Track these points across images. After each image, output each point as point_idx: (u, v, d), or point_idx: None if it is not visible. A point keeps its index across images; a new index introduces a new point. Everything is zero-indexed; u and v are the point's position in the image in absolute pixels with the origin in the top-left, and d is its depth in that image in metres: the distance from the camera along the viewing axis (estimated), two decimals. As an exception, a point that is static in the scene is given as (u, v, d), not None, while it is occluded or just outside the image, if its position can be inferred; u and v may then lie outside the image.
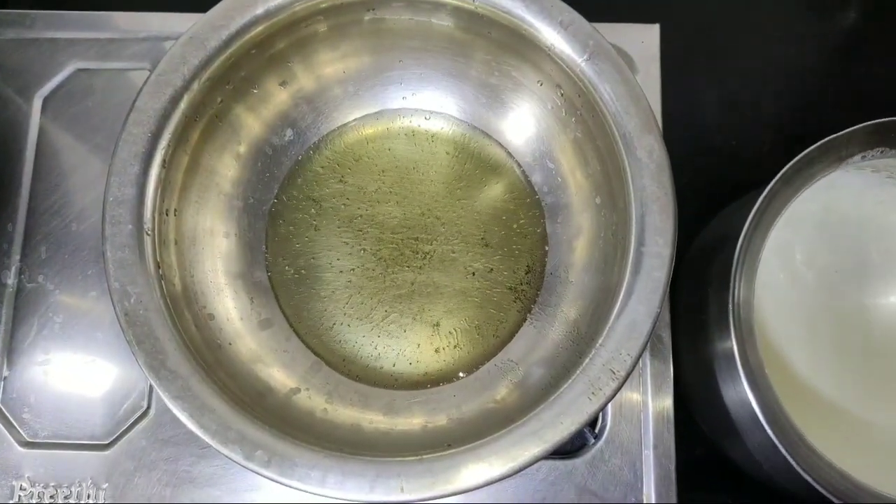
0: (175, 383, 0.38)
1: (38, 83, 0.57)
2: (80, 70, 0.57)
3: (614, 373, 0.38)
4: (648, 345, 0.50)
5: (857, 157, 0.47)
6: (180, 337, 0.40)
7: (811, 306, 0.51)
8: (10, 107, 0.56)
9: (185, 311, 0.43)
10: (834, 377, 0.50)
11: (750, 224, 0.45)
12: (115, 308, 0.39)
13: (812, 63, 0.63)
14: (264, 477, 0.37)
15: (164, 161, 0.42)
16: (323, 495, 0.37)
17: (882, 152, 0.47)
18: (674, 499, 0.49)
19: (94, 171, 0.55)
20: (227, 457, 0.37)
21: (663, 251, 0.40)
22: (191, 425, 0.37)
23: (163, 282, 0.41)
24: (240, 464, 0.37)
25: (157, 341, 0.39)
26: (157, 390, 0.38)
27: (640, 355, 0.39)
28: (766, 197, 0.45)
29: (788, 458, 0.41)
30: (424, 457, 0.38)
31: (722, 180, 0.61)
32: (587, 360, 0.39)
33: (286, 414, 0.43)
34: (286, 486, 0.37)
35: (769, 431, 0.42)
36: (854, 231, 0.52)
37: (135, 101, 0.42)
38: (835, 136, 0.46)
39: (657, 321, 0.39)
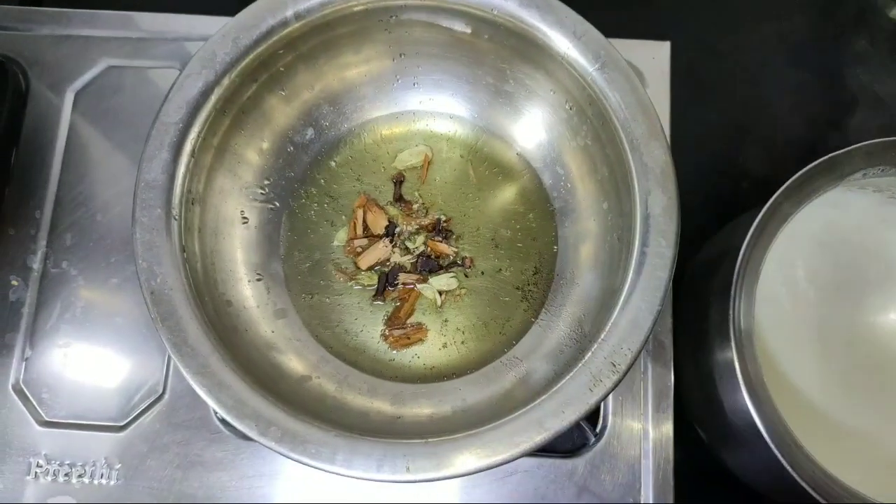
0: (195, 360, 0.40)
1: (70, 78, 0.59)
2: (111, 67, 0.59)
3: (615, 366, 0.40)
4: (651, 350, 0.52)
5: (859, 175, 0.48)
6: (202, 318, 0.41)
7: (811, 320, 0.52)
8: (43, 100, 0.58)
9: (205, 296, 0.44)
10: (832, 389, 0.50)
11: (751, 237, 0.46)
12: (141, 286, 0.41)
13: (820, 83, 0.64)
14: (276, 452, 0.38)
15: (193, 150, 0.44)
16: (332, 472, 0.38)
17: (882, 170, 0.48)
18: (671, 501, 0.50)
19: (120, 165, 0.57)
20: (242, 431, 0.38)
21: (666, 252, 0.41)
22: (209, 400, 0.39)
23: (187, 266, 0.43)
24: (254, 438, 0.38)
25: (181, 319, 0.40)
26: (178, 365, 0.40)
27: (640, 350, 0.40)
28: (767, 211, 0.46)
29: (786, 465, 0.42)
30: (430, 440, 0.39)
31: (727, 195, 0.62)
32: (589, 354, 0.40)
33: (298, 398, 0.44)
34: (297, 461, 0.38)
35: (767, 439, 0.42)
36: (855, 249, 0.53)
37: (168, 92, 0.44)
38: (836, 153, 0.47)
39: (658, 318, 0.41)
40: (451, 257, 0.52)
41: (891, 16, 0.66)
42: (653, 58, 0.58)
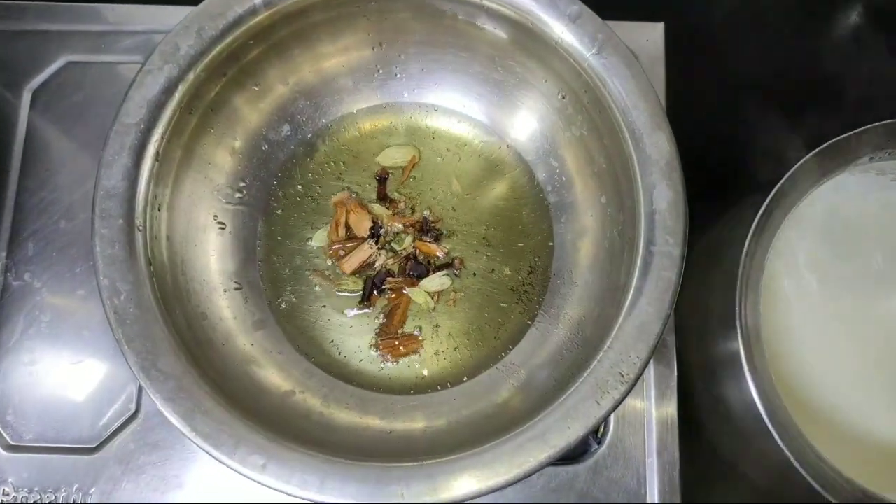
0: (166, 384, 0.37)
1: (27, 76, 0.56)
2: (71, 63, 0.56)
3: (623, 376, 0.37)
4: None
5: (865, 159, 0.46)
6: (173, 336, 0.38)
7: (814, 310, 0.50)
8: (-2, 100, 0.55)
9: (176, 310, 0.41)
10: (839, 381, 0.49)
11: (756, 225, 0.44)
12: (104, 305, 0.38)
13: (817, 64, 0.62)
14: (261, 484, 0.35)
15: (156, 153, 0.41)
16: (322, 501, 0.35)
17: (890, 154, 0.47)
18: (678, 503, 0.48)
19: (84, 167, 0.54)
20: (221, 462, 0.36)
21: (674, 251, 0.39)
22: (183, 429, 0.36)
23: (154, 279, 0.40)
24: (235, 469, 0.35)
25: (148, 340, 0.37)
26: (148, 392, 0.37)
27: (649, 358, 0.38)
28: (773, 198, 0.45)
29: (794, 461, 0.41)
30: (425, 462, 0.36)
31: (725, 182, 0.60)
32: (594, 363, 0.38)
33: (281, 417, 0.42)
34: (282, 492, 0.35)
35: (775, 435, 0.41)
36: (858, 235, 0.52)
37: (128, 90, 0.41)
38: (845, 135, 0.45)
39: (667, 323, 0.38)
40: (441, 258, 0.50)
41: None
42: (646, 40, 0.56)
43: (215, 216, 0.47)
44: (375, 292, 0.49)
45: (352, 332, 0.49)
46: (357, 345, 0.49)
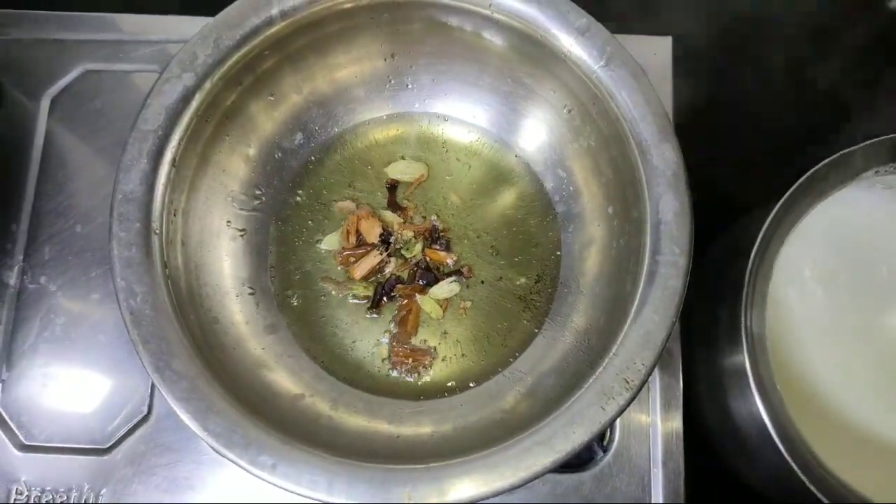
0: (180, 385, 0.37)
1: (46, 84, 0.56)
2: (88, 71, 0.57)
3: (628, 382, 0.37)
4: (657, 358, 0.50)
5: (871, 173, 0.47)
6: (186, 339, 0.39)
7: (820, 322, 0.50)
8: (17, 107, 0.56)
9: (190, 315, 0.42)
10: (845, 393, 0.49)
11: (763, 237, 0.44)
12: (120, 307, 0.39)
13: (824, 78, 0.62)
14: (269, 483, 0.36)
15: (173, 159, 0.42)
16: (330, 502, 0.36)
17: (895, 168, 0.47)
18: (683, 514, 0.48)
19: (100, 173, 0.55)
20: (232, 461, 0.36)
21: (679, 260, 0.39)
22: (196, 428, 0.36)
23: (169, 282, 0.40)
24: (245, 469, 0.36)
25: (163, 341, 0.38)
26: (161, 391, 0.37)
27: (654, 365, 0.38)
28: (779, 210, 0.45)
29: (800, 474, 0.41)
30: (432, 465, 0.37)
31: (732, 194, 0.60)
32: (600, 369, 0.38)
33: (291, 420, 0.42)
34: (292, 493, 0.36)
35: (781, 447, 0.41)
36: (863, 248, 0.52)
37: (146, 98, 0.42)
38: (850, 149, 0.46)
39: (672, 331, 0.39)
40: (450, 266, 0.50)
41: (891, 7, 0.65)
42: (654, 53, 0.57)
43: (229, 222, 0.48)
44: (385, 298, 0.49)
45: (361, 337, 0.49)
46: (366, 350, 0.49)
